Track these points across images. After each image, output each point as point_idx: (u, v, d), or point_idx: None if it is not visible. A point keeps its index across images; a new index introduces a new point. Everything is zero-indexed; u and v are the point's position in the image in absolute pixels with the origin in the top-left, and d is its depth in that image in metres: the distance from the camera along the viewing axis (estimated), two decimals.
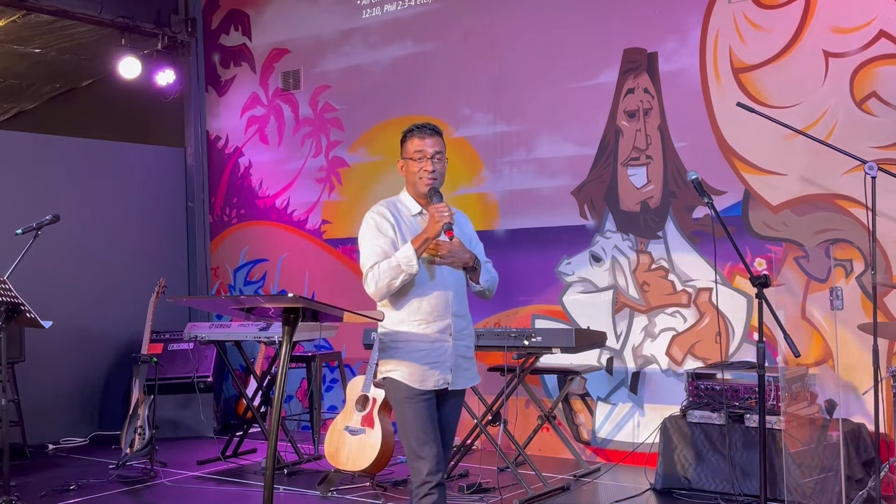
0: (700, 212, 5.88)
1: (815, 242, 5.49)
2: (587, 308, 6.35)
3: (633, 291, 6.18)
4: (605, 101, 6.28)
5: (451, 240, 3.46)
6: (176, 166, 8.62)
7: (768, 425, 4.68)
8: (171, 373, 7.47)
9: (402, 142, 3.68)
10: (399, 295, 3.51)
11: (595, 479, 5.79)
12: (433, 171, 3.58)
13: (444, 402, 3.56)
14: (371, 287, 3.49)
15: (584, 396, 6.39)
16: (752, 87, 5.72)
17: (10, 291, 4.98)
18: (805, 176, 5.52)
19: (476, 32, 6.89)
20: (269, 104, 8.18)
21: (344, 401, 5.54)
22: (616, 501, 5.22)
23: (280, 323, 3.33)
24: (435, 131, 3.66)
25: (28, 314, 5.02)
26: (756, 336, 3.82)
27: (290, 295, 3.21)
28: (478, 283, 3.59)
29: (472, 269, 3.55)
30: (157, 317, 6.57)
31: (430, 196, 3.55)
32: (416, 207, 3.63)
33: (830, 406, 5.30)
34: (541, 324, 6.50)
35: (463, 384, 3.60)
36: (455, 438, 3.83)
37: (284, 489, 5.68)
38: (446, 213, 3.45)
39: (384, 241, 3.52)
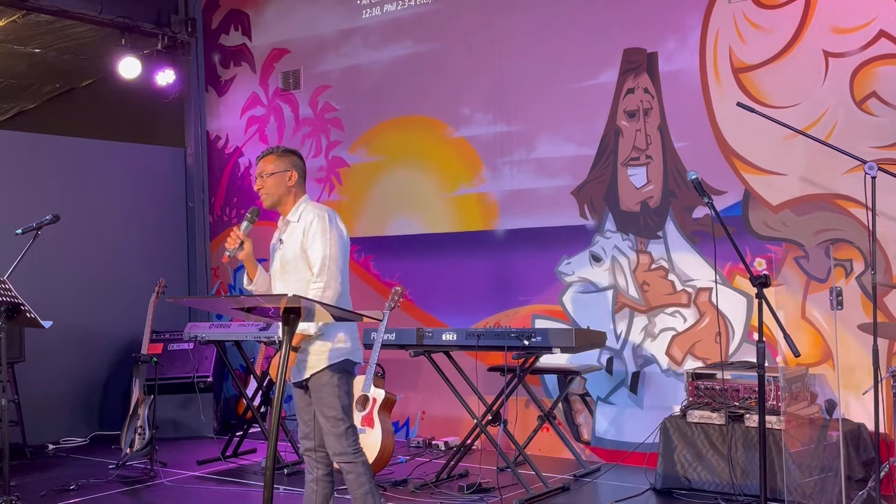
0: (700, 212, 5.88)
1: (815, 242, 5.49)
2: (587, 308, 6.35)
3: (633, 291, 6.18)
4: (605, 101, 6.28)
5: (224, 262, 4.00)
6: (176, 166, 8.62)
7: (768, 425, 4.68)
8: (171, 373, 7.47)
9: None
10: None
11: (595, 479, 5.79)
12: (259, 189, 3.99)
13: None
14: None
15: (584, 396, 6.39)
16: (752, 87, 5.72)
17: (10, 291, 4.98)
18: (805, 176, 5.53)
19: (476, 32, 6.89)
20: (269, 104, 8.18)
21: None
22: (616, 501, 5.22)
23: (280, 323, 3.34)
24: (260, 156, 4.05)
25: (28, 314, 5.02)
26: (756, 336, 3.82)
27: (290, 295, 3.21)
28: None
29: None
30: (157, 317, 6.57)
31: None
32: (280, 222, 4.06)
33: (830, 406, 5.31)
34: (541, 324, 6.50)
35: (298, 375, 3.97)
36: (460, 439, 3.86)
37: (284, 489, 5.68)
38: (227, 240, 3.83)
39: None
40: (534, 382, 6.44)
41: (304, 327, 3.74)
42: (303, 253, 3.85)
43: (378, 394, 5.40)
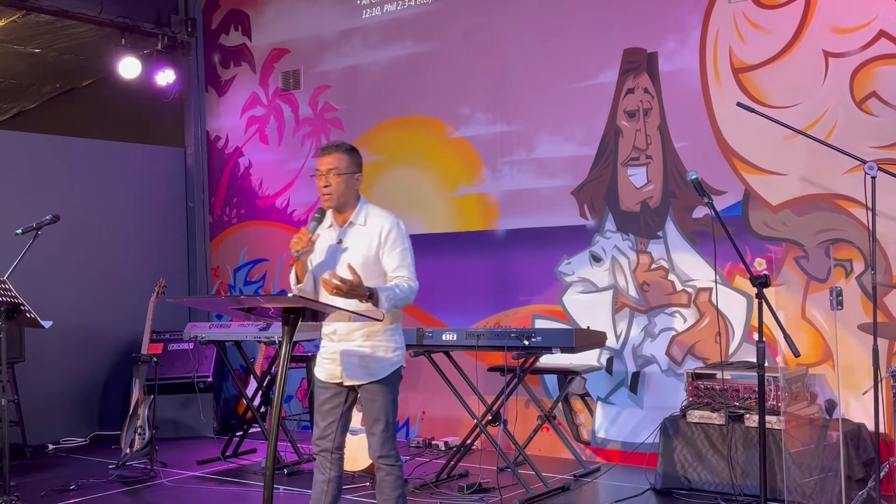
0: (700, 212, 5.88)
1: (815, 242, 5.49)
2: (587, 308, 6.35)
3: (633, 291, 6.18)
4: (605, 101, 6.28)
5: (292, 266, 3.80)
6: (176, 166, 8.62)
7: (768, 425, 4.68)
8: (171, 373, 7.47)
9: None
10: None
11: (595, 479, 5.79)
12: (325, 187, 3.84)
13: (360, 394, 3.87)
14: None
15: (584, 396, 6.39)
16: (752, 87, 5.72)
17: (10, 291, 4.98)
18: (805, 176, 5.53)
19: (476, 32, 6.89)
20: (269, 104, 8.18)
21: None
22: (616, 501, 5.22)
23: (280, 323, 3.34)
24: (326, 150, 3.88)
25: (28, 314, 5.02)
26: (756, 336, 3.82)
27: (290, 295, 3.22)
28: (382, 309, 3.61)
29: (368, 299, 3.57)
30: (157, 317, 6.57)
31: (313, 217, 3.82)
32: (329, 220, 3.93)
33: (830, 406, 5.30)
34: (541, 324, 6.50)
35: (354, 379, 3.81)
36: (458, 439, 3.84)
37: (284, 489, 5.68)
38: (295, 241, 3.67)
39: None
40: (534, 382, 6.44)
41: (372, 312, 3.57)
42: (376, 259, 3.78)
43: None
